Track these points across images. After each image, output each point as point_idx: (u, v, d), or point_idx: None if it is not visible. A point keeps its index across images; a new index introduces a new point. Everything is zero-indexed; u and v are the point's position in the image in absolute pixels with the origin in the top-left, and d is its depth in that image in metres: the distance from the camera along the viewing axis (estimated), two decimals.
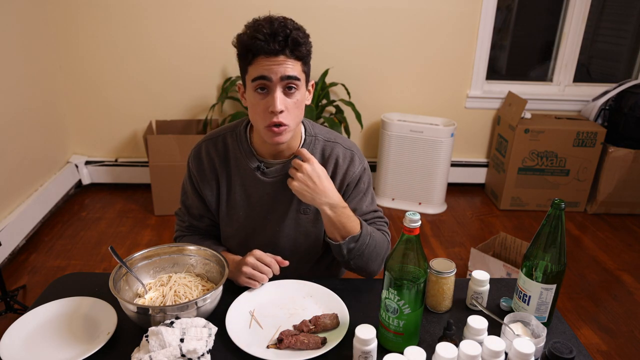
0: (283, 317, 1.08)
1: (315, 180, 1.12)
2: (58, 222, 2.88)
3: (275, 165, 1.21)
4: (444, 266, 1.10)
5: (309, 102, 1.19)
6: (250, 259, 1.14)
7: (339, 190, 1.22)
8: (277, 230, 1.26)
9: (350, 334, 0.99)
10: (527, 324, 1.00)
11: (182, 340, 0.91)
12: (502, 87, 3.30)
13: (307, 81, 1.16)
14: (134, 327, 1.02)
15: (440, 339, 0.95)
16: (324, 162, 1.22)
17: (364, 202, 1.26)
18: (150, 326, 0.93)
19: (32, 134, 2.77)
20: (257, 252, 1.16)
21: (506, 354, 0.92)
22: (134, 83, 3.10)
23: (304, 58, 1.10)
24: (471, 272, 1.98)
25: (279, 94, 1.08)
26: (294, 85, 1.09)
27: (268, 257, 1.15)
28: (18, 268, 2.43)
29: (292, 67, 1.08)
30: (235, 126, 1.26)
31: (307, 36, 1.11)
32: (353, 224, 1.16)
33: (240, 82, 1.18)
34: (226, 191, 1.25)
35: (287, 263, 1.16)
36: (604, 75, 3.54)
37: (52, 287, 1.18)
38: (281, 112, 1.08)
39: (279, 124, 1.09)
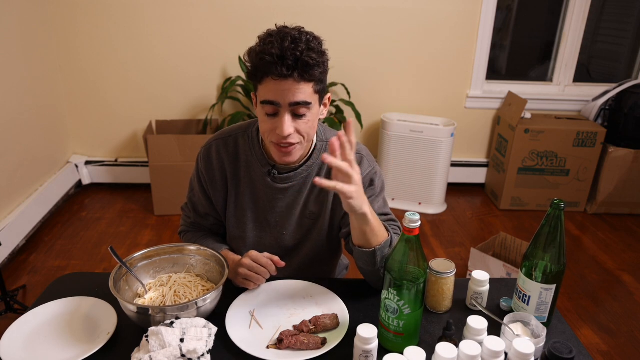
0: (283, 317, 1.08)
1: (361, 188, 0.98)
2: (58, 222, 2.88)
3: (286, 172, 1.20)
4: (443, 266, 1.10)
5: (324, 116, 1.14)
6: (245, 260, 1.14)
7: None
8: (283, 234, 1.26)
9: (350, 334, 0.99)
10: (527, 324, 1.00)
11: (182, 340, 0.91)
12: (502, 87, 3.30)
13: (322, 97, 1.11)
14: (134, 327, 1.02)
15: (440, 339, 0.95)
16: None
17: (375, 204, 1.20)
18: (150, 326, 0.93)
19: (32, 134, 2.77)
20: (253, 253, 1.15)
21: (506, 354, 0.92)
22: (133, 83, 3.11)
23: (316, 79, 1.04)
24: (471, 272, 1.99)
25: (287, 118, 1.04)
26: (303, 112, 1.05)
27: (264, 259, 1.13)
28: (18, 268, 2.43)
29: (302, 92, 1.02)
30: (247, 127, 1.24)
31: (322, 54, 1.04)
32: (382, 229, 1.08)
33: (254, 92, 1.12)
34: (235, 192, 1.25)
35: (283, 264, 1.15)
36: (604, 75, 3.54)
37: (52, 287, 1.18)
38: (289, 135, 1.06)
39: (288, 144, 1.08)
